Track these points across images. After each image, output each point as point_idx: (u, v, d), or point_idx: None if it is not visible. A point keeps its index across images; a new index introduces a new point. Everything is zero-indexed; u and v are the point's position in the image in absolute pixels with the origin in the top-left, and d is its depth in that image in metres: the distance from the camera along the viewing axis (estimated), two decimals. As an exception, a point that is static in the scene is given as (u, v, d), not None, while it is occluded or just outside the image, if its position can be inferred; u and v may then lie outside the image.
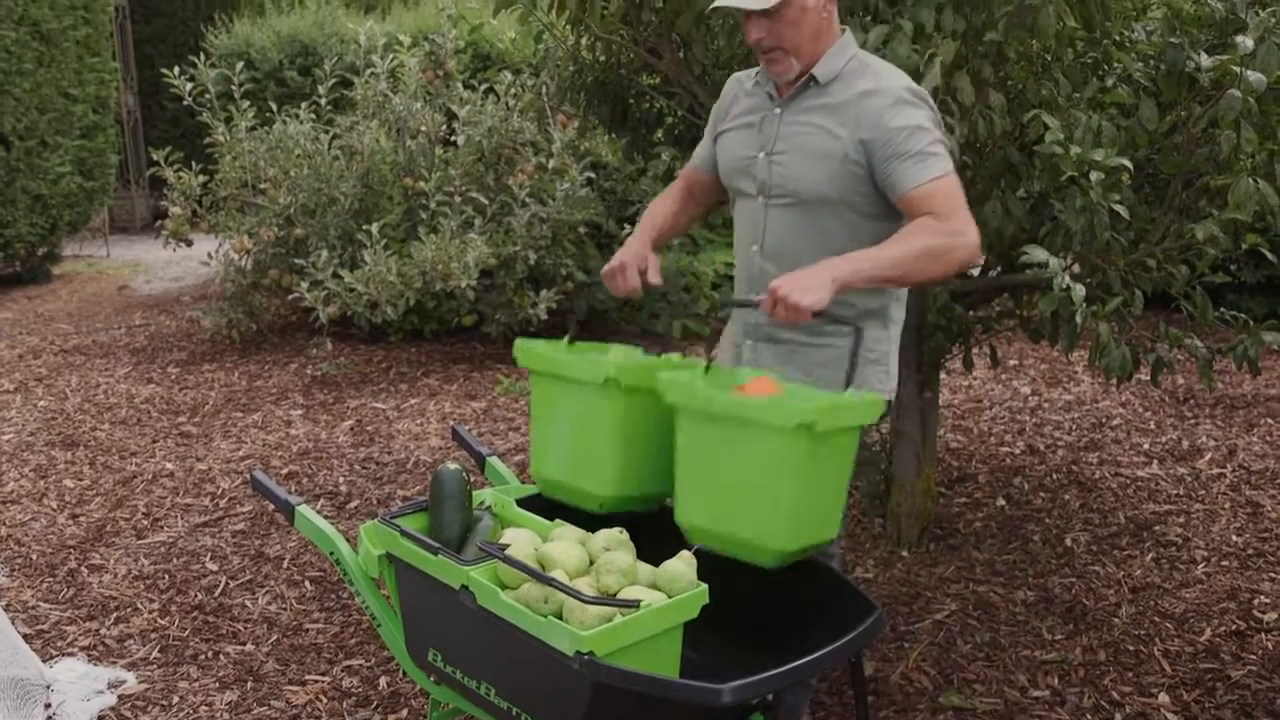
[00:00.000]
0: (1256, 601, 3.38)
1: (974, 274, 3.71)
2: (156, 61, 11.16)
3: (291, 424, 5.31)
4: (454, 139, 6.37)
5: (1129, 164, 2.77)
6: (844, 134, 2.35)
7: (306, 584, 3.69)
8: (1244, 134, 2.85)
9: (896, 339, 2.54)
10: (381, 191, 6.47)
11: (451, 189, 6.14)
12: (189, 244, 6.77)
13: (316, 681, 3.11)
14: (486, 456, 2.83)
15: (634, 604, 1.92)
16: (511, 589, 2.06)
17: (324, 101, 6.67)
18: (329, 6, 10.15)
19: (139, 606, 3.57)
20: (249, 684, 3.12)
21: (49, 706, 2.96)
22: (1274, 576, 3.54)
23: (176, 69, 6.63)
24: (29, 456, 4.97)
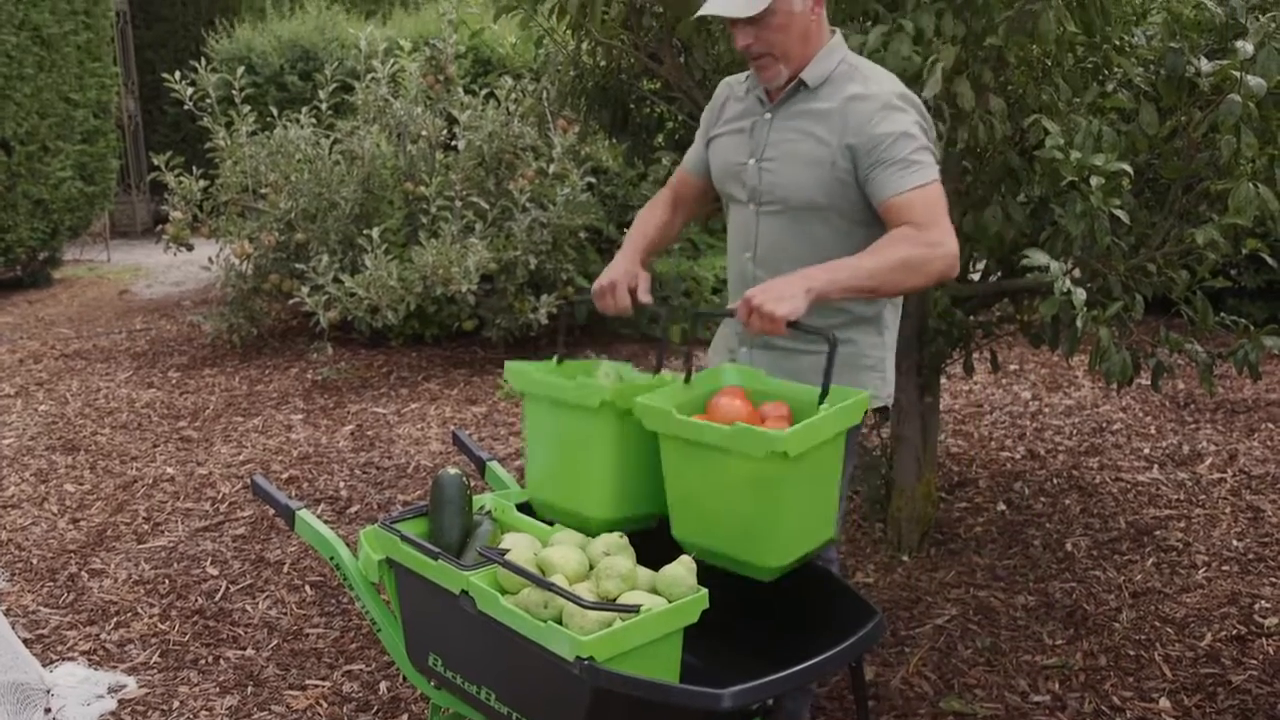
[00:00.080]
0: (1257, 606, 3.38)
1: (974, 279, 3.71)
2: (157, 66, 11.16)
3: (292, 429, 5.31)
4: (455, 144, 6.38)
5: (1129, 169, 2.77)
6: (831, 140, 2.33)
7: (307, 589, 3.69)
8: (1244, 139, 2.85)
9: (892, 345, 2.52)
10: (382, 196, 6.47)
11: (452, 194, 6.14)
12: (190, 249, 6.77)
13: (317, 686, 3.11)
14: (487, 461, 2.83)
15: (634, 609, 1.92)
16: (511, 594, 2.06)
17: (325, 106, 6.68)
18: (330, 11, 10.16)
19: (139, 611, 3.57)
20: (249, 689, 3.11)
21: (49, 711, 2.96)
22: (1275, 581, 3.53)
23: (177, 74, 6.64)
24: (30, 461, 4.97)
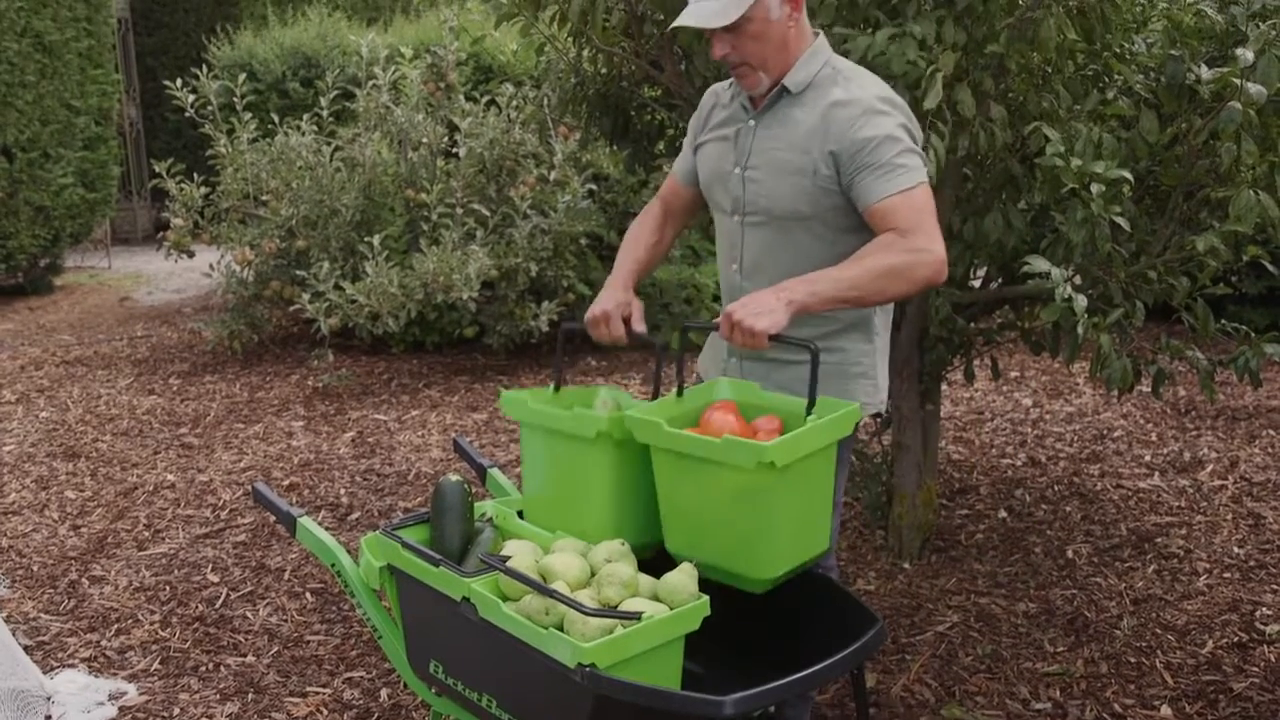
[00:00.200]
0: (1258, 613, 3.37)
1: (975, 286, 3.72)
2: (159, 73, 11.19)
3: (293, 435, 5.31)
4: (456, 151, 6.38)
5: (1130, 176, 2.77)
6: (814, 147, 2.30)
7: (308, 596, 3.68)
8: (1244, 146, 2.85)
9: (884, 350, 2.49)
10: (383, 203, 6.48)
11: (453, 201, 6.15)
12: (191, 255, 6.78)
13: (317, 693, 3.11)
14: (488, 468, 2.83)
15: (635, 616, 1.92)
16: (513, 601, 2.06)
17: (326, 113, 6.68)
18: (331, 18, 10.16)
19: (140, 618, 3.57)
20: (250, 696, 3.11)
21: (49, 718, 2.96)
22: (1276, 588, 3.53)
23: (179, 80, 6.64)
24: (30, 468, 4.97)
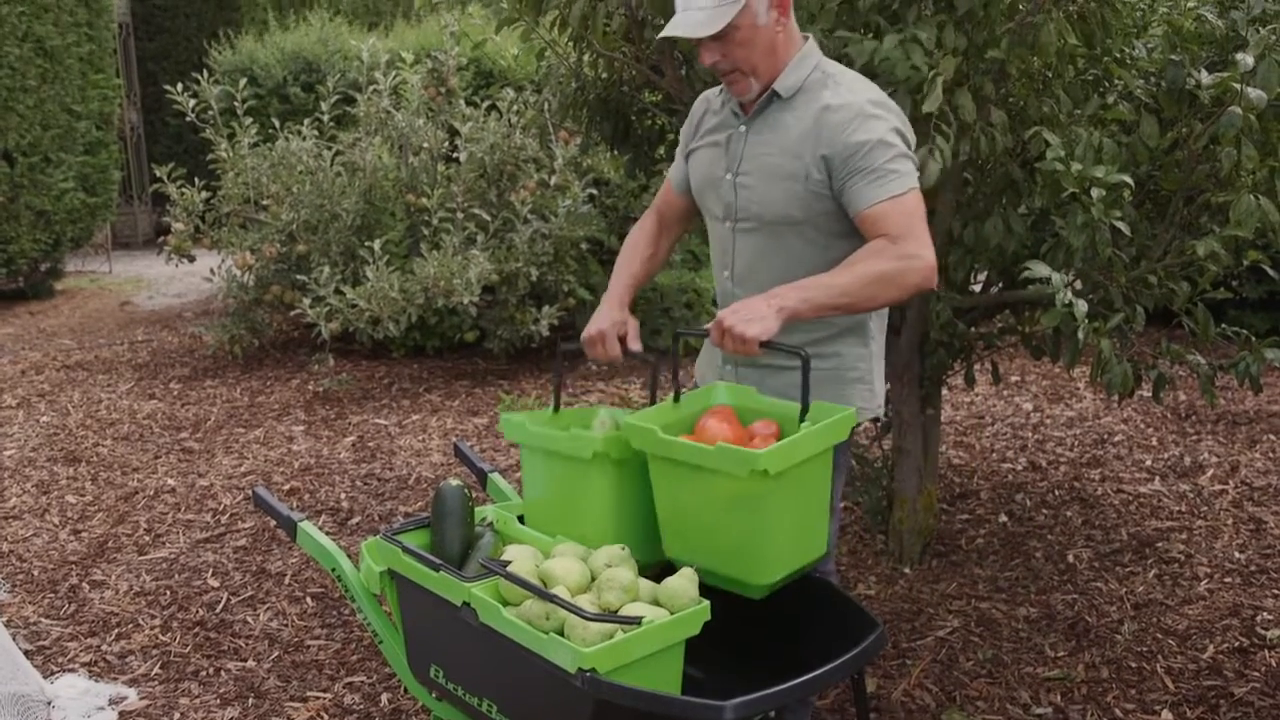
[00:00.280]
0: (1259, 618, 3.37)
1: (975, 290, 3.72)
2: (160, 78, 11.20)
3: (293, 440, 5.31)
4: (456, 155, 6.39)
5: (1130, 181, 2.77)
6: (806, 151, 2.30)
7: (308, 600, 3.68)
8: (1245, 151, 2.85)
9: (880, 354, 2.49)
10: (384, 208, 6.48)
11: (454, 205, 6.15)
12: (191, 260, 6.78)
13: (318, 698, 3.11)
14: (488, 473, 2.83)
15: (636, 620, 1.92)
16: (513, 606, 2.06)
17: (327, 118, 6.69)
18: (333, 23, 10.18)
19: (140, 623, 3.57)
20: (250, 700, 3.11)
21: (49, 723, 2.96)
22: (1277, 593, 3.53)
23: (180, 85, 6.65)
24: (31, 472, 4.97)
